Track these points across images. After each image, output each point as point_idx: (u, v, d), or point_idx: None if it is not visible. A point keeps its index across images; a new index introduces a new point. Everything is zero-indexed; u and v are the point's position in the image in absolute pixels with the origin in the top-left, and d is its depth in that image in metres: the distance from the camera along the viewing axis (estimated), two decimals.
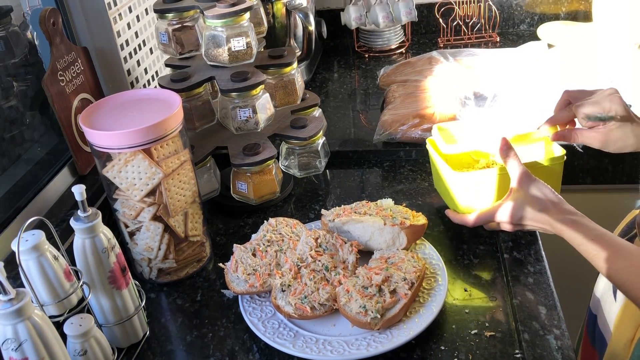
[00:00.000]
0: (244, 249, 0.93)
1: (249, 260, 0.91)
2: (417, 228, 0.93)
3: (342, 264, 0.90)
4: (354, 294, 0.82)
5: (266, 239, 0.95)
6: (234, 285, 0.88)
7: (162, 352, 0.84)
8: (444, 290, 0.85)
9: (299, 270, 0.88)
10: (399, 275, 0.84)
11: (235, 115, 1.06)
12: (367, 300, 0.80)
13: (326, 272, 0.88)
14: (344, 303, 0.81)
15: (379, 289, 0.82)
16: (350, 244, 0.91)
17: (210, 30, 1.04)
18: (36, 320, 0.63)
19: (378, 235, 0.92)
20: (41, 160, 1.05)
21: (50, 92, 0.99)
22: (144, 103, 0.88)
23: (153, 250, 0.91)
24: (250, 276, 0.88)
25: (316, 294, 0.84)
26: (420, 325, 0.81)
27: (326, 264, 0.88)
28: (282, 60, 1.12)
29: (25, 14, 1.10)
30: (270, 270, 0.89)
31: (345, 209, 0.99)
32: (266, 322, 0.84)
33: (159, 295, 0.94)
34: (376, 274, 0.84)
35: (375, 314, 0.79)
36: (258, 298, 0.89)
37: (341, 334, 0.82)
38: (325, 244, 0.92)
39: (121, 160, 0.84)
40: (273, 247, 0.93)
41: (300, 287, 0.85)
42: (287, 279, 0.86)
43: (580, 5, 1.76)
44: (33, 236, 0.70)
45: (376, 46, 1.77)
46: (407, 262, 0.87)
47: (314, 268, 0.88)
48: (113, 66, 1.17)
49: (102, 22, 1.12)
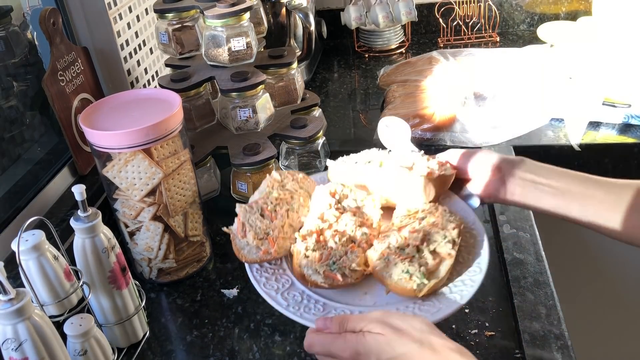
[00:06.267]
0: (250, 209, 0.81)
1: (257, 222, 0.79)
2: (445, 179, 0.82)
3: (365, 221, 0.79)
4: (392, 257, 0.72)
5: (273, 196, 0.82)
6: (245, 253, 0.78)
7: (162, 352, 0.84)
8: (486, 246, 0.76)
9: (321, 232, 0.77)
10: (437, 232, 0.74)
11: (235, 115, 1.06)
12: (409, 263, 0.71)
13: (351, 232, 0.78)
14: (381, 268, 0.72)
15: (417, 249, 0.73)
16: (372, 199, 0.81)
17: (210, 30, 1.04)
18: (36, 320, 0.63)
19: (402, 187, 0.82)
20: (41, 160, 1.05)
21: (50, 92, 0.99)
22: (144, 103, 0.88)
23: (153, 250, 0.91)
24: (263, 241, 0.77)
25: (345, 258, 0.74)
26: (469, 288, 0.71)
27: (350, 223, 0.78)
28: (282, 60, 1.12)
29: (25, 14, 1.10)
30: (284, 234, 0.78)
31: (355, 158, 0.88)
32: (286, 294, 0.74)
33: (159, 295, 0.94)
34: (412, 233, 0.74)
35: (422, 279, 0.70)
36: (269, 266, 0.78)
37: (376, 303, 0.73)
38: (344, 199, 0.81)
39: (121, 160, 0.84)
40: (283, 206, 0.81)
41: (327, 252, 0.75)
42: (311, 243, 0.76)
43: (580, 5, 1.76)
44: (33, 236, 0.70)
45: (376, 46, 1.77)
46: (441, 216, 0.77)
47: (337, 229, 0.78)
48: (113, 66, 1.17)
49: (102, 22, 1.12)
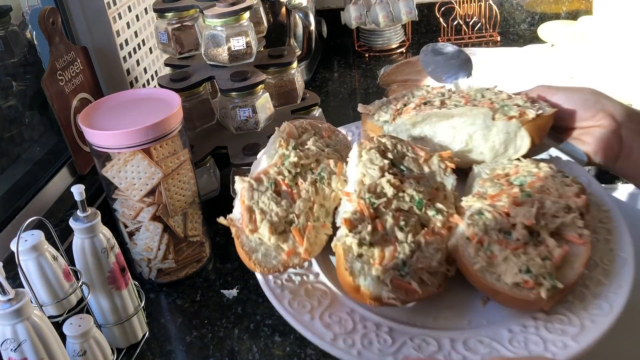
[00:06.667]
0: (258, 183, 0.58)
1: (273, 205, 0.55)
2: (543, 123, 0.59)
3: (435, 192, 0.55)
4: (497, 248, 0.49)
5: (291, 161, 0.59)
6: (259, 259, 0.54)
7: (162, 352, 0.84)
8: (622, 220, 0.55)
9: (375, 213, 0.53)
10: (555, 203, 0.51)
11: (235, 115, 1.06)
12: (525, 256, 0.48)
13: (419, 210, 0.53)
14: (481, 267, 0.49)
15: (529, 232, 0.50)
16: (439, 157, 0.57)
17: (209, 30, 1.04)
18: (35, 320, 0.63)
19: (481, 137, 0.59)
20: (40, 160, 1.05)
21: (49, 91, 0.99)
22: (143, 103, 0.88)
23: (152, 251, 0.91)
24: (286, 236, 0.54)
25: (419, 255, 0.50)
26: (618, 289, 0.49)
27: (417, 196, 0.54)
28: (282, 60, 1.12)
29: (24, 14, 1.09)
30: (314, 219, 0.54)
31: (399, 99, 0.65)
32: (327, 317, 0.50)
33: (158, 296, 0.94)
34: (516, 205, 0.51)
35: (552, 281, 0.47)
36: (293, 273, 0.55)
37: (471, 323, 0.50)
38: (402, 161, 0.57)
39: (120, 160, 0.84)
40: (307, 176, 0.58)
41: (391, 248, 0.50)
42: (365, 234, 0.51)
43: (581, 4, 1.75)
44: (32, 236, 0.70)
45: (376, 45, 1.77)
46: (552, 178, 0.54)
47: (399, 206, 0.53)
48: (112, 66, 1.16)
49: (102, 22, 1.12)
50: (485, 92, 0.65)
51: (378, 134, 0.62)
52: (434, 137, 0.62)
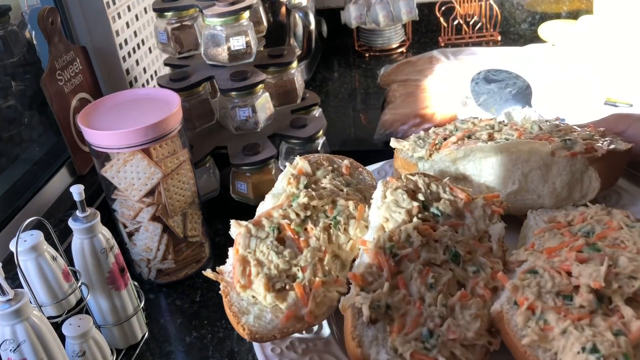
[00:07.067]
0: (257, 229, 0.51)
1: (272, 254, 0.47)
2: (617, 159, 0.49)
3: (477, 242, 0.46)
4: (553, 318, 0.39)
5: (300, 202, 0.50)
6: (250, 322, 0.46)
7: (161, 353, 0.83)
8: None
9: (398, 267, 0.43)
10: (632, 260, 0.41)
11: (234, 115, 1.06)
12: (591, 330, 0.37)
13: (455, 265, 0.44)
14: (531, 341, 0.38)
15: (598, 297, 0.39)
16: (483, 199, 0.47)
17: (209, 30, 1.04)
18: (34, 321, 0.62)
19: (538, 177, 0.49)
20: (39, 160, 1.05)
21: (48, 91, 0.98)
22: (142, 102, 0.88)
23: (152, 251, 0.90)
24: (285, 295, 0.46)
25: (451, 323, 0.40)
26: None
27: (454, 248, 0.44)
28: (282, 60, 1.11)
29: (23, 13, 1.09)
30: (324, 274, 0.45)
31: (440, 133, 0.57)
32: None
33: (157, 296, 0.94)
34: (579, 261, 0.41)
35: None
36: (297, 338, 0.47)
37: None
38: (435, 203, 0.47)
39: (120, 160, 0.84)
40: (319, 220, 0.49)
41: (415, 311, 0.40)
42: (380, 294, 0.41)
43: (581, 4, 1.75)
44: (31, 236, 0.70)
45: (377, 45, 1.77)
46: (628, 229, 0.44)
47: (428, 259, 0.44)
48: (112, 65, 1.16)
49: (101, 21, 1.12)
50: (544, 124, 0.54)
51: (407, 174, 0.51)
52: (479, 176, 0.52)
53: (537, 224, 0.48)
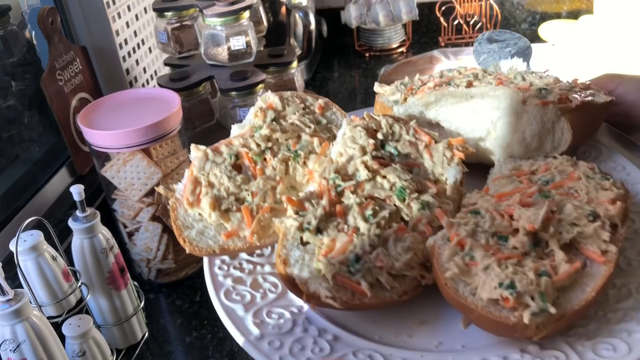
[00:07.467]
0: (215, 153, 0.50)
1: (224, 178, 0.48)
2: (593, 113, 0.48)
3: (433, 184, 0.46)
4: (482, 254, 0.38)
5: (261, 133, 0.50)
6: (191, 236, 0.47)
7: (161, 353, 0.83)
8: None
9: (338, 196, 0.44)
10: (578, 209, 0.40)
11: (234, 115, 1.06)
12: (514, 269, 0.37)
13: (400, 201, 0.44)
14: (454, 275, 0.39)
15: (533, 240, 0.39)
16: (446, 143, 0.47)
17: (209, 29, 1.03)
18: (34, 321, 0.62)
19: (507, 125, 0.47)
20: (39, 160, 1.05)
21: (48, 91, 0.98)
22: (142, 102, 0.88)
23: (152, 251, 0.90)
24: (230, 216, 0.47)
25: (381, 252, 0.41)
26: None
27: (400, 184, 0.44)
28: (282, 60, 1.11)
29: (23, 13, 1.09)
30: (275, 202, 0.46)
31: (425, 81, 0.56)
32: (264, 315, 0.42)
33: (157, 296, 0.94)
34: (523, 205, 0.41)
35: (542, 303, 0.36)
36: (246, 260, 0.48)
37: (443, 344, 0.40)
38: (393, 143, 0.47)
39: (120, 160, 0.84)
40: (279, 152, 0.50)
41: (346, 237, 0.41)
42: (312, 217, 0.43)
43: (582, 4, 1.75)
44: (31, 236, 0.70)
45: (377, 45, 1.77)
46: (585, 179, 0.43)
47: (372, 193, 0.44)
48: (112, 65, 1.16)
49: (101, 21, 1.12)
50: (528, 75, 0.52)
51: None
52: (451, 123, 0.50)
53: (502, 172, 0.48)
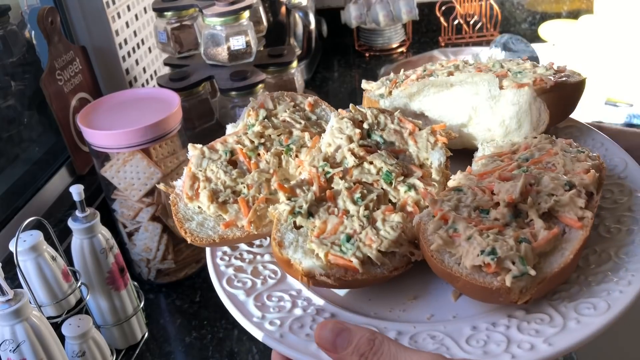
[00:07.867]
0: (211, 151, 0.53)
1: (220, 173, 0.51)
2: (567, 92, 0.51)
3: (419, 168, 0.49)
4: (464, 226, 0.42)
5: (254, 130, 0.54)
6: (191, 227, 0.49)
7: (161, 353, 0.83)
8: None
9: (328, 182, 0.48)
10: (555, 179, 0.44)
11: (234, 115, 1.06)
12: (495, 237, 0.40)
13: (387, 185, 0.48)
14: (439, 246, 0.42)
15: (514, 211, 0.42)
16: (429, 130, 0.50)
17: (209, 29, 1.03)
18: (34, 321, 0.62)
19: (486, 109, 0.51)
20: (39, 160, 1.05)
21: (48, 91, 0.98)
22: (142, 102, 0.88)
23: (152, 251, 0.90)
24: (228, 207, 0.49)
25: (371, 231, 0.44)
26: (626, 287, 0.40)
27: (386, 168, 0.48)
28: (282, 59, 1.11)
29: (23, 13, 1.09)
30: (270, 193, 0.49)
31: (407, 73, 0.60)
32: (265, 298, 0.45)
33: (157, 296, 0.94)
34: (502, 180, 0.44)
35: (522, 266, 0.39)
36: (246, 250, 0.50)
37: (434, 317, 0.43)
38: (379, 132, 0.51)
39: (119, 160, 0.83)
40: (273, 147, 0.53)
41: (336, 219, 0.45)
42: (303, 202, 0.46)
43: (582, 3, 1.75)
44: (31, 236, 0.69)
45: (377, 45, 1.77)
46: (563, 154, 0.47)
47: (360, 178, 0.48)
48: (111, 65, 1.16)
49: (101, 21, 1.12)
50: (508, 62, 0.54)
51: None
52: (434, 112, 0.53)
53: (483, 151, 0.52)
